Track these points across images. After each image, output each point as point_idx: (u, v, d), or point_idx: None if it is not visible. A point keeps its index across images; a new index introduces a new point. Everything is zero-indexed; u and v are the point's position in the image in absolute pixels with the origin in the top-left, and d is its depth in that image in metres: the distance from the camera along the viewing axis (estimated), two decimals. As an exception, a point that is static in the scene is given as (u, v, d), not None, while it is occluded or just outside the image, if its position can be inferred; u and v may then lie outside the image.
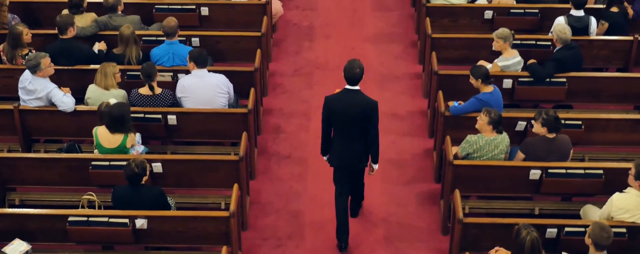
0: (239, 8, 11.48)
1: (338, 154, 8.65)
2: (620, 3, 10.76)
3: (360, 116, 8.37)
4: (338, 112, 8.40)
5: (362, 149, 8.59)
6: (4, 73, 10.08)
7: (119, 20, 10.61)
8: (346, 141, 8.55)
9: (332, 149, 8.68)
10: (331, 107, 8.43)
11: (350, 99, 8.37)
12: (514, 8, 11.22)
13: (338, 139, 8.59)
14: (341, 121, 8.45)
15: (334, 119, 8.47)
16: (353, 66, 8.30)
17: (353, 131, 8.47)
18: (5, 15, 10.70)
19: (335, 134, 8.61)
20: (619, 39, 10.66)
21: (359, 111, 8.35)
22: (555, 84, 9.94)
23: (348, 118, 8.39)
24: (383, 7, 13.33)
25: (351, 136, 8.51)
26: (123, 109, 8.74)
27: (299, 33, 12.70)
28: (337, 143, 8.62)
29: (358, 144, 8.55)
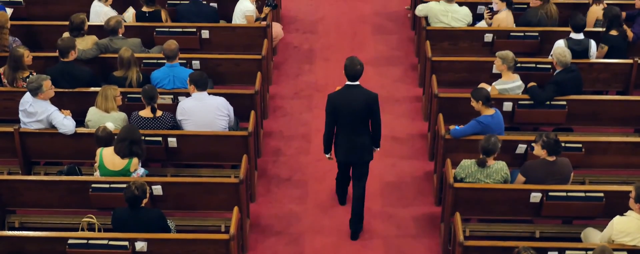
0: (240, 31, 11.51)
1: (344, 149, 9.03)
2: (620, 26, 10.78)
3: (364, 108, 8.79)
4: (342, 108, 8.81)
5: (366, 142, 9.00)
6: (4, 96, 10.09)
7: (120, 43, 10.63)
8: (351, 136, 8.94)
9: (338, 145, 9.04)
10: (335, 104, 8.82)
11: (352, 94, 8.80)
12: (514, 31, 11.25)
13: (343, 134, 8.97)
14: (345, 116, 8.84)
15: (339, 115, 8.85)
16: (353, 63, 8.73)
17: (357, 124, 8.88)
18: (6, 38, 10.72)
19: (340, 131, 8.97)
20: (618, 62, 10.68)
21: (362, 105, 8.77)
22: (555, 107, 9.95)
23: (352, 112, 8.81)
24: (383, 30, 13.37)
25: (355, 130, 8.91)
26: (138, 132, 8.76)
27: (299, 56, 12.73)
28: (341, 138, 8.99)
29: (362, 138, 8.96)
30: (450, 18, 11.42)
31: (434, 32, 11.43)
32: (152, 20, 11.44)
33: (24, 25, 11.60)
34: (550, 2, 11.34)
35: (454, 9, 11.43)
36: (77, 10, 11.08)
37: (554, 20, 11.34)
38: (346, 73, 8.78)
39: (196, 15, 11.54)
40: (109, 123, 9.14)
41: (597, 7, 11.37)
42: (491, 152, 8.62)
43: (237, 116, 9.94)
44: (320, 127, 11.00)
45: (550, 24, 11.31)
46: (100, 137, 8.92)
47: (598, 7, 11.36)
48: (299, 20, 13.68)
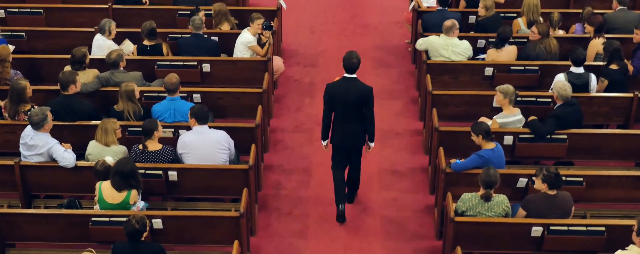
0: (241, 65, 11.54)
1: (339, 134, 9.71)
2: (620, 60, 10.81)
3: (358, 100, 9.48)
4: (338, 97, 9.51)
5: (360, 129, 9.68)
6: (5, 129, 10.09)
7: (121, 77, 10.66)
8: (346, 123, 9.63)
9: (334, 130, 9.74)
10: (332, 93, 9.54)
11: (349, 85, 9.50)
12: (514, 65, 11.29)
13: (339, 121, 9.67)
14: (341, 105, 9.54)
15: (335, 103, 9.56)
16: (351, 56, 9.48)
17: (352, 113, 9.57)
18: (8, 71, 10.75)
19: (336, 118, 9.67)
20: (619, 96, 10.70)
21: (357, 96, 9.47)
22: (556, 140, 9.95)
23: (347, 102, 9.51)
24: (384, 63, 13.41)
25: (350, 118, 9.60)
26: (131, 165, 8.74)
27: (300, 89, 12.76)
28: (338, 125, 9.69)
29: (356, 125, 9.64)
30: (451, 52, 11.46)
31: (435, 65, 11.46)
32: (153, 54, 11.49)
33: (25, 58, 11.65)
34: (550, 37, 11.38)
35: (454, 43, 11.47)
36: (79, 44, 11.14)
37: (553, 54, 11.38)
38: (344, 65, 9.50)
39: (197, 48, 11.58)
40: (109, 157, 9.13)
41: (597, 41, 11.41)
42: (493, 185, 8.61)
43: (237, 150, 9.93)
44: (321, 161, 11.03)
45: (549, 58, 11.35)
46: (98, 171, 8.92)
47: (598, 41, 11.40)
48: (299, 53, 13.73)
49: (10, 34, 12.15)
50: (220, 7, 12.25)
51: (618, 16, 12.19)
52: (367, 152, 9.96)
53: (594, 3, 13.17)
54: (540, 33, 11.35)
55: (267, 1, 15.03)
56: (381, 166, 11.02)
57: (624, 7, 12.27)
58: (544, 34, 11.36)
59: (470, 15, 12.72)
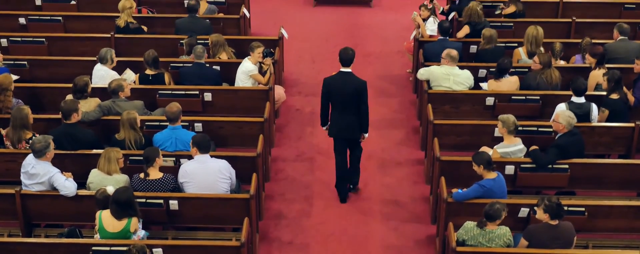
0: (242, 94, 11.56)
1: (336, 126, 10.43)
2: (621, 90, 10.83)
3: (353, 93, 10.19)
4: (335, 91, 10.25)
5: (355, 121, 10.36)
6: (6, 157, 10.09)
7: (123, 105, 10.67)
8: (342, 115, 10.34)
9: (331, 122, 10.46)
10: (329, 87, 10.29)
11: (345, 79, 10.23)
12: (515, 95, 11.30)
13: (335, 113, 10.39)
14: (338, 98, 10.26)
15: (332, 96, 10.29)
16: (347, 50, 10.23)
17: (347, 106, 10.27)
18: (9, 99, 10.77)
19: (333, 110, 10.39)
20: (620, 126, 10.70)
21: (352, 89, 10.18)
22: (557, 170, 9.94)
23: (343, 95, 10.22)
24: (385, 93, 13.43)
25: (346, 110, 10.30)
26: (128, 194, 8.73)
27: (302, 119, 12.77)
28: (335, 117, 10.41)
29: (352, 117, 10.32)
30: (452, 81, 11.47)
31: (436, 95, 11.48)
32: (155, 83, 11.51)
33: (27, 87, 11.67)
34: (551, 68, 11.40)
35: (456, 73, 11.49)
36: (81, 73, 11.17)
37: (554, 85, 11.39)
38: (340, 59, 10.22)
39: (199, 77, 11.61)
40: (110, 186, 9.11)
41: (598, 72, 11.43)
42: (492, 218, 8.58)
43: (239, 179, 9.92)
44: (322, 190, 11.03)
45: (550, 89, 11.35)
46: (99, 200, 8.91)
47: (599, 71, 11.42)
48: (301, 83, 13.76)
49: (13, 62, 12.19)
50: (217, 38, 12.30)
51: (619, 46, 12.23)
52: (362, 141, 10.62)
53: (594, 33, 13.22)
54: (541, 63, 11.37)
55: (269, 30, 15.10)
56: (382, 196, 11.00)
57: (624, 37, 12.31)
58: (545, 64, 11.38)
59: (471, 45, 12.76)
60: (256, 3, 16.05)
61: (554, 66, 11.49)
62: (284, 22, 15.00)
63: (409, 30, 14.52)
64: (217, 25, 13.44)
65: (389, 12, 16.33)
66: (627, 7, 14.36)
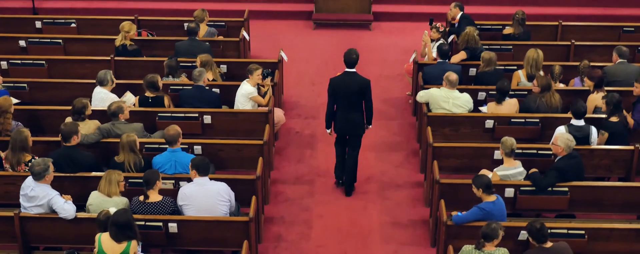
0: (242, 116, 11.57)
1: (341, 123, 11.00)
2: (620, 112, 10.84)
3: (358, 91, 10.82)
4: (340, 90, 10.86)
5: (359, 118, 10.98)
6: (6, 180, 10.08)
7: (123, 128, 10.67)
8: (347, 113, 10.93)
9: (336, 119, 11.02)
10: (335, 87, 10.90)
11: (349, 79, 10.86)
12: (515, 117, 11.31)
13: (340, 111, 10.96)
14: (343, 97, 10.87)
15: (338, 95, 10.88)
16: (351, 53, 10.84)
17: (352, 104, 10.88)
18: (9, 122, 10.77)
19: (339, 108, 10.95)
20: (619, 149, 10.70)
21: (356, 88, 10.81)
22: (557, 193, 9.93)
23: (348, 94, 10.84)
24: (384, 116, 13.43)
25: (351, 108, 10.90)
26: (127, 216, 8.71)
27: (301, 141, 12.76)
28: (340, 115, 10.97)
29: (356, 114, 10.93)
30: (451, 104, 11.49)
31: (435, 118, 11.48)
32: (155, 106, 11.52)
33: (27, 110, 11.68)
34: (551, 91, 11.40)
35: (455, 95, 11.51)
36: (80, 95, 11.17)
37: (554, 108, 11.39)
38: (345, 61, 10.84)
39: (198, 100, 11.62)
40: (112, 208, 9.09)
41: (596, 95, 11.45)
42: (489, 238, 8.56)
43: (238, 202, 9.91)
44: (322, 212, 11.01)
45: (551, 112, 11.36)
46: (101, 221, 8.86)
47: (598, 94, 11.44)
48: (300, 105, 13.77)
49: (13, 85, 12.20)
50: (206, 58, 12.30)
51: (619, 69, 12.25)
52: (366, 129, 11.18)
53: (593, 56, 13.26)
54: (540, 86, 11.39)
55: (268, 53, 15.13)
56: (382, 219, 10.98)
57: (624, 59, 12.33)
58: (544, 87, 11.39)
59: (470, 68, 12.78)
60: (256, 26, 16.09)
61: (554, 89, 11.49)
62: (283, 45, 15.03)
63: (409, 53, 14.56)
64: (216, 48, 13.47)
65: (388, 35, 16.37)
66: (626, 30, 14.41)
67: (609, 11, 16.82)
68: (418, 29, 16.18)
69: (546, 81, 11.39)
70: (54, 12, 16.31)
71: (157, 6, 16.78)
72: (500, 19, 15.38)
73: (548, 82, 11.39)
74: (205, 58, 12.30)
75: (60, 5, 16.74)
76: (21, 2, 16.78)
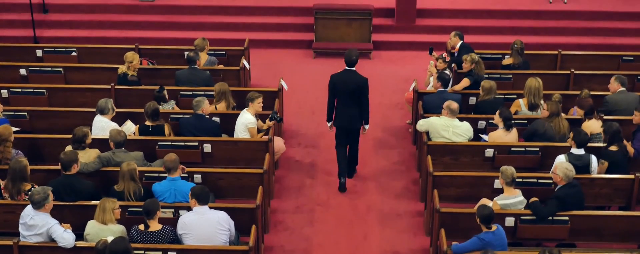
0: (241, 145, 11.57)
1: (340, 117, 11.80)
2: (620, 142, 10.84)
3: (356, 88, 11.60)
4: (340, 86, 11.65)
5: (357, 113, 11.74)
6: (5, 209, 10.06)
7: (123, 157, 10.67)
8: (346, 108, 11.72)
9: (336, 114, 11.82)
10: (335, 83, 11.70)
11: (349, 77, 11.66)
12: (515, 146, 11.31)
13: (340, 106, 11.77)
14: (342, 93, 11.66)
15: (337, 92, 11.68)
16: (351, 53, 11.66)
17: (350, 100, 11.65)
18: (9, 151, 10.77)
19: (338, 103, 11.76)
20: (620, 178, 10.69)
21: (355, 86, 11.60)
22: (557, 222, 9.91)
23: (347, 91, 11.62)
24: (384, 145, 13.43)
25: (349, 103, 11.68)
26: (125, 244, 8.68)
27: (301, 170, 12.75)
28: (339, 109, 11.78)
29: (354, 110, 11.71)
30: (451, 133, 11.49)
31: (435, 146, 11.48)
32: (155, 134, 11.52)
33: (27, 138, 11.68)
34: (560, 117, 11.42)
35: (455, 124, 11.52)
36: (80, 124, 11.17)
37: (562, 134, 11.39)
38: (345, 60, 11.64)
39: (198, 129, 11.62)
40: (110, 237, 9.07)
41: (589, 122, 11.48)
42: None
43: (238, 231, 9.88)
44: (322, 242, 10.98)
45: (558, 137, 11.35)
46: (99, 250, 8.84)
47: (589, 121, 11.48)
48: (300, 134, 13.77)
49: (13, 113, 12.21)
50: (220, 87, 12.32)
51: (620, 98, 12.27)
52: (363, 133, 12.08)
53: (592, 85, 13.28)
54: (550, 111, 11.41)
55: (269, 82, 15.16)
56: (382, 248, 10.95)
57: (624, 88, 12.36)
58: (553, 113, 11.41)
59: (470, 96, 12.80)
60: (256, 54, 16.14)
61: (563, 116, 11.50)
62: (283, 74, 15.07)
63: (408, 82, 14.58)
64: (217, 77, 13.50)
65: (388, 64, 16.41)
66: (625, 59, 14.45)
67: (608, 40, 16.89)
68: (417, 57, 16.24)
69: (556, 107, 11.40)
70: (55, 40, 16.36)
71: (157, 35, 16.84)
72: (499, 48, 15.42)
73: (558, 108, 11.41)
74: (219, 87, 12.30)
75: (61, 34, 16.80)
76: (22, 30, 16.84)
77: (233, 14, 17.46)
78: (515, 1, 17.80)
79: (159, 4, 17.52)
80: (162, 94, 12.27)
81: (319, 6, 16.77)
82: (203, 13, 17.48)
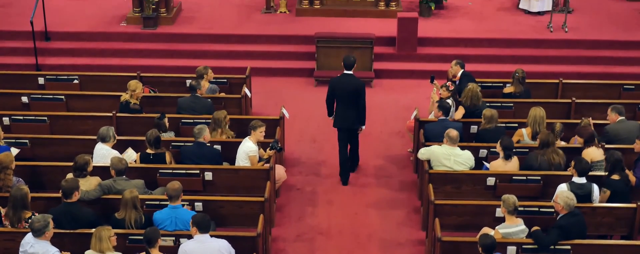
0: (242, 173, 11.56)
1: (339, 118, 12.70)
2: (622, 170, 10.83)
3: (353, 91, 12.48)
4: (338, 89, 12.55)
5: (354, 114, 12.62)
6: (5, 236, 10.03)
7: (124, 184, 10.66)
8: (345, 109, 12.62)
9: (336, 115, 12.72)
10: (334, 86, 12.59)
11: (347, 80, 12.54)
12: (516, 175, 11.29)
13: (339, 108, 12.66)
14: (340, 95, 12.56)
15: (336, 94, 12.57)
16: (349, 57, 12.63)
17: (349, 102, 12.54)
18: (10, 178, 10.76)
19: (337, 105, 12.65)
20: (622, 207, 10.67)
21: (353, 89, 12.48)
22: (559, 251, 9.87)
23: (345, 93, 12.52)
24: (385, 173, 13.42)
25: (347, 105, 12.57)
26: None
27: (302, 198, 12.73)
28: (339, 111, 12.67)
29: (352, 111, 12.59)
30: (453, 161, 11.48)
31: (437, 175, 11.47)
32: (156, 162, 11.52)
33: (28, 166, 11.66)
34: (553, 148, 11.39)
35: (457, 153, 11.51)
36: (82, 152, 11.17)
37: (556, 166, 11.37)
38: (343, 64, 12.57)
39: (199, 157, 11.62)
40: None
41: (589, 149, 11.47)
42: None
43: (238, 259, 9.86)
44: (322, 270, 10.95)
45: (553, 169, 11.34)
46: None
47: (590, 149, 11.47)
48: (301, 162, 13.76)
49: (14, 141, 12.21)
50: (217, 115, 12.32)
51: (620, 127, 12.26)
52: (359, 132, 12.88)
53: (594, 114, 13.27)
54: (540, 141, 11.40)
55: (270, 110, 15.17)
56: (383, 276, 10.91)
57: (623, 117, 12.36)
58: (543, 143, 11.40)
59: (472, 125, 12.80)
60: (257, 83, 16.17)
61: (555, 146, 11.48)
62: (285, 102, 15.08)
63: (410, 110, 14.58)
64: (218, 105, 13.52)
65: (389, 93, 16.43)
66: (626, 88, 14.46)
67: (608, 69, 16.91)
68: (419, 86, 16.26)
69: (546, 137, 11.38)
70: (57, 68, 16.39)
71: (159, 63, 16.87)
72: (500, 76, 15.45)
73: (548, 138, 11.38)
74: (214, 115, 12.30)
75: (63, 62, 16.83)
76: (25, 58, 16.88)
77: (235, 42, 17.50)
78: (516, 30, 17.85)
79: (160, 32, 17.57)
80: (163, 122, 12.28)
81: (321, 34, 16.82)
82: (205, 41, 17.52)
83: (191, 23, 18.00)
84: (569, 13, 18.31)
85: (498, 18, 18.50)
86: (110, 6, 18.74)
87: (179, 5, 18.53)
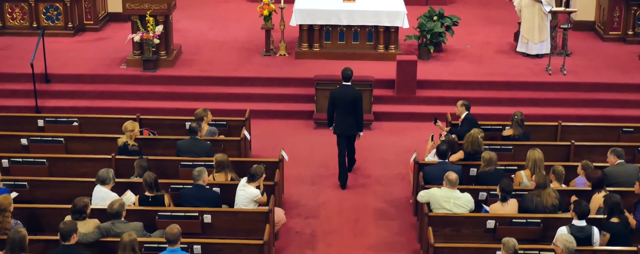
0: (242, 216, 11.53)
1: (340, 125, 13.86)
2: (621, 213, 10.80)
3: (352, 101, 13.69)
4: (338, 99, 13.72)
5: (353, 122, 13.82)
6: (2, 280, 9.99)
7: (122, 227, 10.62)
8: (344, 118, 13.78)
9: (336, 123, 13.86)
10: (334, 97, 13.76)
11: (346, 91, 13.75)
12: (516, 218, 11.26)
13: (339, 117, 13.82)
14: (340, 105, 13.73)
15: (336, 103, 13.72)
16: (347, 70, 13.83)
17: (348, 110, 13.71)
18: (8, 221, 10.72)
19: (337, 114, 13.81)
20: (621, 250, 10.63)
21: (351, 98, 13.68)
22: (560, 295, 9.82)
23: (345, 103, 13.70)
24: (385, 216, 13.39)
25: (347, 114, 13.74)
26: None
27: (301, 241, 12.68)
28: (339, 119, 13.83)
29: (351, 119, 13.78)
30: (452, 204, 11.47)
31: (436, 218, 11.44)
32: (155, 205, 11.49)
33: (26, 208, 11.64)
34: (547, 190, 11.37)
35: (456, 195, 11.50)
36: (80, 194, 11.16)
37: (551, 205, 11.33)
38: (342, 77, 13.78)
39: (198, 199, 11.60)
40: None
41: (599, 195, 11.44)
42: None
43: (237, 302, 9.80)
44: (321, 314, 10.87)
45: (546, 211, 11.30)
46: None
47: (599, 194, 11.43)
48: (301, 205, 13.73)
49: (13, 183, 12.19)
50: (220, 158, 12.33)
51: (619, 170, 12.25)
52: (358, 139, 14.09)
53: (593, 156, 13.28)
54: (536, 183, 11.39)
55: (269, 153, 15.16)
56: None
57: (622, 160, 12.36)
58: (539, 185, 11.38)
59: (471, 168, 12.80)
60: (257, 125, 16.19)
61: (551, 188, 11.46)
62: (284, 145, 15.07)
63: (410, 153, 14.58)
64: (218, 147, 13.52)
65: (389, 135, 16.44)
66: (625, 130, 14.49)
67: (608, 112, 16.95)
68: (418, 128, 16.28)
69: (542, 179, 11.37)
70: (57, 110, 16.43)
71: (159, 105, 16.91)
72: (499, 119, 15.49)
73: (544, 180, 11.37)
74: (221, 158, 12.30)
75: (63, 104, 16.88)
76: (24, 100, 16.92)
77: (234, 85, 17.55)
78: (515, 72, 17.92)
79: (160, 74, 17.63)
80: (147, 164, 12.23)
81: (320, 77, 16.88)
82: (204, 83, 17.58)
83: (191, 66, 18.07)
84: (568, 56, 18.40)
85: (497, 61, 18.59)
86: (111, 49, 18.83)
87: (179, 48, 18.62)
